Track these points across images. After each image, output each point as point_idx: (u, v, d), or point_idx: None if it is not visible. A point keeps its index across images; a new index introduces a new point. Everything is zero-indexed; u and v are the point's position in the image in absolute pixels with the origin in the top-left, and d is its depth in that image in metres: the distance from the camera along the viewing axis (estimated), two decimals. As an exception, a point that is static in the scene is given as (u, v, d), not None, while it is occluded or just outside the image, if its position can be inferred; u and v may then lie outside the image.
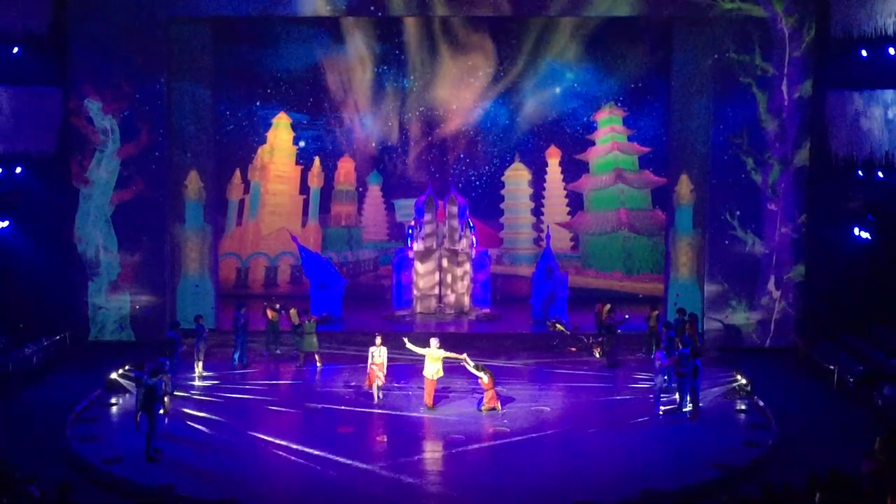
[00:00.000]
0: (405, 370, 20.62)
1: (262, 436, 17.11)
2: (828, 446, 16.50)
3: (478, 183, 29.98)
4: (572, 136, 29.89)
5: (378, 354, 19.07)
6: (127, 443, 16.34)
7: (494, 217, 30.33)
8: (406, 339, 19.21)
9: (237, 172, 29.86)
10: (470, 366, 18.64)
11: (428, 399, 18.68)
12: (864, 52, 21.57)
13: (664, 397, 18.83)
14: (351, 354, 22.94)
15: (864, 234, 22.52)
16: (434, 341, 18.86)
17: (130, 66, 23.49)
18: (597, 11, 23.93)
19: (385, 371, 19.16)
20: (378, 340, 19.23)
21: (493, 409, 18.49)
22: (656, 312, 23.40)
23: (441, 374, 18.78)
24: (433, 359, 18.63)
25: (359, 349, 23.31)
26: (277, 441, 16.82)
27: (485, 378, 18.49)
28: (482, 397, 18.66)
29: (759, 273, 23.91)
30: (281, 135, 29.89)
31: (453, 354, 18.84)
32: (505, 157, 29.98)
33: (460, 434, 17.32)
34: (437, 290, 27.14)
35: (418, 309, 26.95)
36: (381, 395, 19.01)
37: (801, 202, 23.73)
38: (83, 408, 18.56)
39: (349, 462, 15.82)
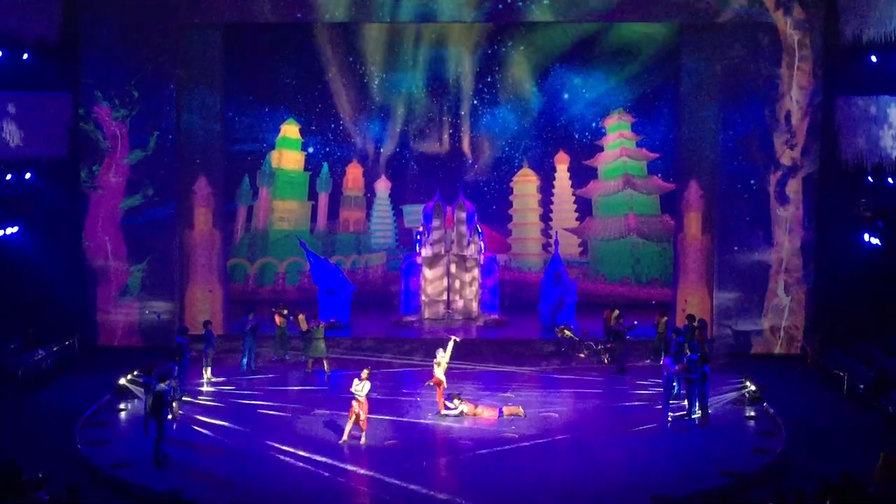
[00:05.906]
0: (412, 376, 20.63)
1: (269, 441, 17.13)
2: (838, 453, 16.43)
3: (486, 189, 29.95)
4: (581, 141, 29.85)
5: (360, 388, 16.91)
6: (136, 448, 16.38)
7: (503, 223, 30.29)
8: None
9: (246, 178, 29.89)
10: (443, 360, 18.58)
11: (441, 405, 18.67)
12: (873, 58, 21.49)
13: (673, 404, 18.80)
14: (359, 360, 22.95)
15: (874, 240, 22.41)
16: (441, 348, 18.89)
17: (140, 72, 23.58)
18: (607, 17, 24.00)
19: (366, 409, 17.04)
20: (364, 374, 17.05)
21: (517, 414, 18.55)
22: (665, 318, 23.32)
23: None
24: (441, 364, 18.64)
25: (367, 355, 23.36)
26: (285, 446, 16.82)
27: (464, 408, 18.49)
28: (501, 407, 18.77)
29: (768, 279, 23.85)
30: (289, 141, 29.92)
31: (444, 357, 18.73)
32: (513, 163, 29.96)
33: (468, 440, 17.31)
34: (445, 296, 27.12)
35: (426, 315, 26.91)
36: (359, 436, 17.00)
37: (810, 208, 23.67)
38: (92, 413, 18.63)
39: (357, 467, 15.84)
